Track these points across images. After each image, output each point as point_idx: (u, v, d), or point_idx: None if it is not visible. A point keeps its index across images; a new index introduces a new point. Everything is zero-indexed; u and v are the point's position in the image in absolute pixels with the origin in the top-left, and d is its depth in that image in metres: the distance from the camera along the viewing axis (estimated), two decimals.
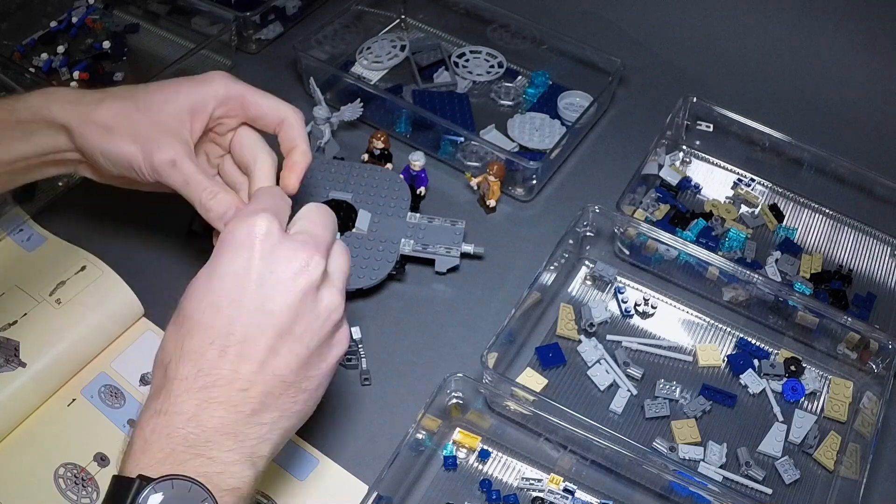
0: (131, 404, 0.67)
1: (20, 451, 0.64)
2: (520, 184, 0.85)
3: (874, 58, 1.00)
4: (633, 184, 0.82)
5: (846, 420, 0.72)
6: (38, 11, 0.99)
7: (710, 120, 0.91)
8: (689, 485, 0.62)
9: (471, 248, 0.77)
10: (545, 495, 0.64)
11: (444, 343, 0.73)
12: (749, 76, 1.00)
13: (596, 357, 0.73)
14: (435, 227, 0.77)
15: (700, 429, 0.69)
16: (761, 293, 0.76)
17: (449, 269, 0.77)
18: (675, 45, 1.03)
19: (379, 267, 0.73)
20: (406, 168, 0.81)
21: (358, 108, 0.85)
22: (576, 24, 1.02)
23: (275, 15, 0.99)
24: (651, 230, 0.77)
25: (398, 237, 0.75)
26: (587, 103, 0.92)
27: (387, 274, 0.74)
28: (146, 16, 1.01)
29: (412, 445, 0.63)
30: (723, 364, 0.75)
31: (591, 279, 0.80)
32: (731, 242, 0.83)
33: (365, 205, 0.77)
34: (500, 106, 0.95)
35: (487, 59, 0.99)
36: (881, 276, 0.83)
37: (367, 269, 0.73)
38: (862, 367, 0.74)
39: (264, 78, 0.95)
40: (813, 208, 0.89)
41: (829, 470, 0.68)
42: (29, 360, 0.65)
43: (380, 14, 1.03)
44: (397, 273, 0.75)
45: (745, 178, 0.90)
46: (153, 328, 0.71)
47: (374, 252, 0.74)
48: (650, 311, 0.78)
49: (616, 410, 0.70)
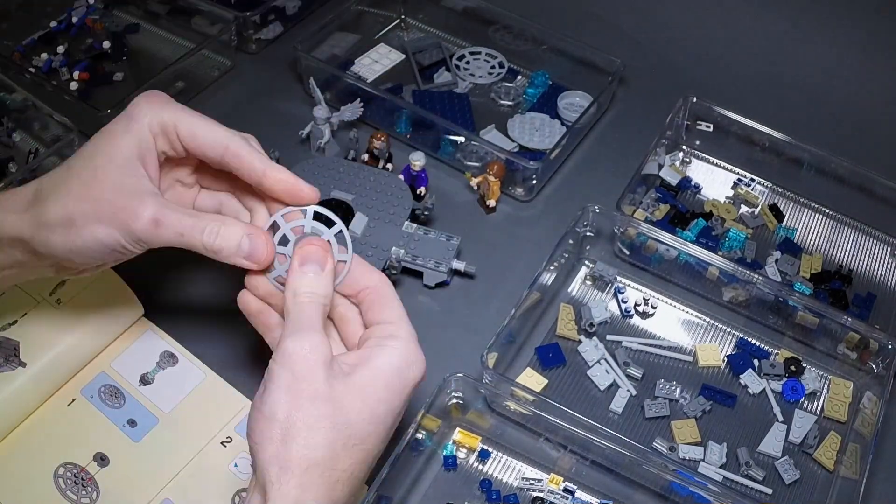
0: (131, 404, 0.67)
1: (20, 451, 0.64)
2: (520, 184, 0.85)
3: (874, 58, 1.00)
4: (633, 184, 0.82)
5: (846, 420, 0.72)
6: (38, 11, 0.99)
7: (710, 120, 0.91)
8: (689, 485, 0.62)
9: (462, 265, 0.76)
10: (545, 495, 0.64)
11: (443, 343, 0.73)
12: (749, 76, 1.00)
13: (596, 357, 0.73)
14: (429, 240, 0.76)
15: (700, 429, 0.69)
16: (761, 293, 0.76)
17: (437, 284, 0.76)
18: (675, 45, 1.03)
19: None
20: (406, 168, 0.81)
21: (358, 108, 0.85)
22: (576, 24, 1.02)
23: (275, 15, 0.99)
24: (651, 230, 0.77)
25: (390, 245, 0.75)
26: (587, 103, 0.92)
27: None
28: (146, 16, 1.01)
29: (412, 445, 0.63)
30: (723, 364, 0.74)
31: (591, 279, 0.80)
32: (731, 242, 0.83)
33: (364, 208, 0.77)
34: (500, 106, 0.95)
35: (487, 59, 0.99)
36: (881, 276, 0.83)
37: None
38: (862, 367, 0.74)
39: (264, 78, 0.96)
40: (813, 208, 0.89)
41: (829, 470, 0.68)
42: (29, 360, 0.65)
43: (380, 14, 1.03)
44: None
45: (745, 178, 0.90)
46: (153, 328, 0.71)
47: (362, 257, 0.73)
48: (650, 311, 0.78)
49: (616, 410, 0.70)
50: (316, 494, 0.47)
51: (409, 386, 0.53)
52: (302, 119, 0.86)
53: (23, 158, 0.82)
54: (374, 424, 0.50)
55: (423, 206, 0.79)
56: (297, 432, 0.48)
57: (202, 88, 0.93)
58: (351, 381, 0.50)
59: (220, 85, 0.94)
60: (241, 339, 0.72)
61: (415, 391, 0.54)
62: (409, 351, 0.53)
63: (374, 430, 0.50)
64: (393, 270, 0.74)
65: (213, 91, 0.94)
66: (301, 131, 0.86)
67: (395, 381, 0.52)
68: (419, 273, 0.76)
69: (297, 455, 0.47)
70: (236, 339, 0.72)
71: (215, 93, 0.93)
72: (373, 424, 0.50)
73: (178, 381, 0.69)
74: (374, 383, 0.51)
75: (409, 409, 0.66)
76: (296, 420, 0.48)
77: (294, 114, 0.90)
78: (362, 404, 0.50)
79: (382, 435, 0.52)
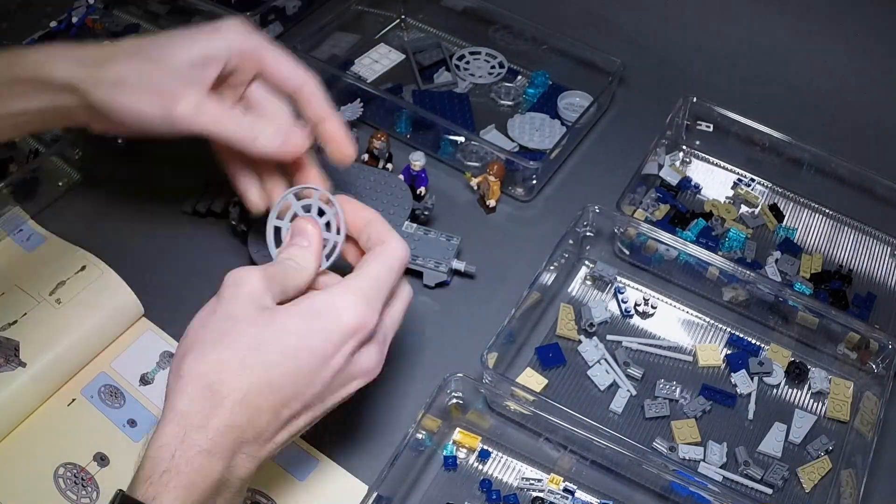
0: (131, 404, 0.67)
1: (20, 451, 0.64)
2: (520, 184, 0.85)
3: (874, 58, 1.00)
4: (633, 184, 0.82)
5: (847, 420, 0.72)
6: (38, 11, 0.99)
7: (710, 120, 0.91)
8: (689, 485, 0.62)
9: (462, 265, 0.76)
10: (545, 495, 0.64)
11: (444, 343, 0.73)
12: (749, 76, 1.00)
13: (596, 357, 0.73)
14: (429, 240, 0.76)
15: (700, 429, 0.69)
16: (761, 293, 0.76)
17: (437, 284, 0.77)
18: (675, 45, 1.03)
19: None
20: (406, 168, 0.81)
21: (358, 108, 0.85)
22: (576, 24, 1.02)
23: (275, 15, 0.99)
24: (651, 230, 0.77)
25: None
26: (587, 103, 0.92)
27: None
28: (146, 16, 1.01)
29: (412, 445, 0.63)
30: (723, 364, 0.74)
31: (591, 279, 0.80)
32: (731, 242, 0.83)
33: None
34: (500, 106, 0.95)
35: (487, 59, 0.99)
36: (881, 276, 0.83)
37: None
38: (862, 367, 0.74)
39: None
40: (813, 208, 0.89)
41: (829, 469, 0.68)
42: (29, 360, 0.65)
43: (380, 14, 1.03)
44: None
45: (745, 178, 0.90)
46: (153, 328, 0.71)
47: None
48: (650, 311, 0.78)
49: (616, 410, 0.70)
50: (200, 407, 0.47)
51: (335, 331, 0.51)
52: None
53: (23, 158, 0.81)
54: (284, 356, 0.49)
55: (423, 206, 0.79)
56: (193, 347, 0.49)
57: None
58: (269, 312, 0.51)
59: None
60: None
61: (356, 343, 0.52)
62: (341, 296, 0.52)
63: (281, 362, 0.49)
64: None
65: None
66: None
67: (315, 320, 0.51)
68: (419, 273, 0.76)
69: (187, 367, 0.48)
70: None
71: None
72: (282, 356, 0.49)
73: None
74: (289, 318, 0.51)
75: (410, 409, 0.67)
76: (197, 335, 0.49)
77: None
78: (271, 334, 0.49)
79: (293, 371, 0.50)
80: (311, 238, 0.56)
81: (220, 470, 0.46)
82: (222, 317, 0.50)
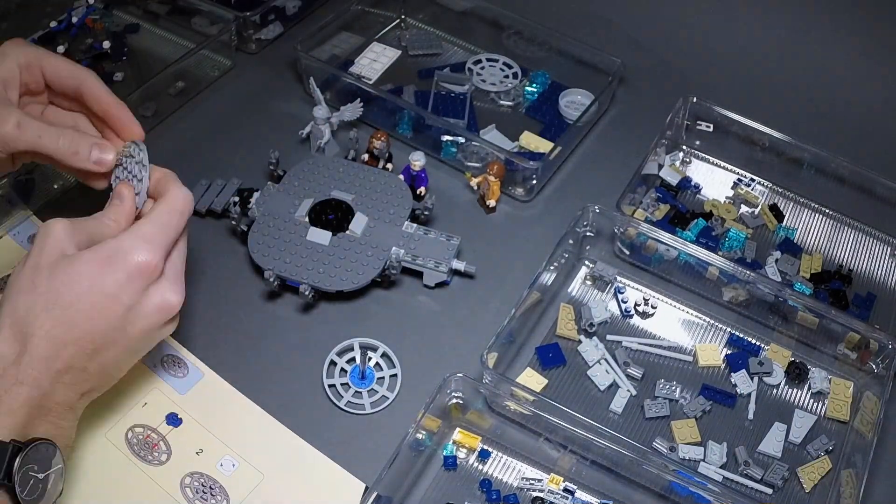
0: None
1: None
2: (520, 184, 0.85)
3: (874, 58, 1.00)
4: (633, 184, 0.82)
5: (847, 420, 0.72)
6: (38, 11, 0.99)
7: (710, 120, 0.91)
8: (689, 485, 0.62)
9: (462, 265, 0.76)
10: (545, 495, 0.64)
11: (443, 343, 0.73)
12: (749, 76, 1.00)
13: (596, 357, 0.73)
14: (429, 240, 0.76)
15: (700, 429, 0.69)
16: (761, 293, 0.76)
17: (437, 284, 0.77)
18: (675, 45, 1.03)
19: (363, 272, 0.73)
20: (406, 168, 0.81)
21: (358, 108, 0.85)
22: (576, 24, 1.02)
23: (275, 15, 0.99)
24: (651, 230, 0.77)
25: (390, 245, 0.75)
26: (588, 101, 0.92)
27: (370, 280, 0.73)
28: (146, 16, 1.01)
29: (412, 445, 0.63)
30: (723, 364, 0.74)
31: (591, 279, 0.80)
32: (731, 242, 0.83)
33: (364, 208, 0.77)
34: (500, 106, 0.95)
35: (503, 68, 0.99)
36: (881, 276, 0.83)
37: (351, 272, 0.72)
38: (862, 367, 0.74)
39: (264, 78, 0.96)
40: (813, 208, 0.89)
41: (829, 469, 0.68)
42: None
43: (380, 14, 1.03)
44: (382, 280, 0.75)
45: (745, 178, 0.90)
46: None
47: (361, 257, 0.73)
48: (650, 311, 0.78)
49: (616, 410, 0.70)
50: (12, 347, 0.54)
51: (122, 270, 0.57)
52: (302, 119, 0.87)
53: None
54: (78, 297, 0.56)
55: (423, 206, 0.79)
56: (8, 296, 0.56)
57: (202, 88, 0.93)
58: (68, 259, 0.57)
59: (220, 85, 0.94)
60: (241, 339, 0.72)
61: (144, 280, 0.58)
62: (127, 240, 0.59)
63: (76, 301, 0.56)
64: (393, 270, 0.74)
65: (213, 91, 0.94)
66: (301, 131, 0.86)
67: (105, 264, 0.57)
68: (419, 273, 0.76)
69: (2, 314, 0.56)
70: (236, 339, 0.72)
71: (215, 93, 0.93)
72: (76, 297, 0.56)
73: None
74: (84, 263, 0.57)
75: (410, 409, 0.67)
76: (12, 285, 0.57)
77: (294, 114, 0.90)
78: (68, 278, 0.56)
79: (88, 308, 0.56)
80: (124, 199, 0.63)
81: (35, 397, 0.54)
82: (31, 266, 0.57)
